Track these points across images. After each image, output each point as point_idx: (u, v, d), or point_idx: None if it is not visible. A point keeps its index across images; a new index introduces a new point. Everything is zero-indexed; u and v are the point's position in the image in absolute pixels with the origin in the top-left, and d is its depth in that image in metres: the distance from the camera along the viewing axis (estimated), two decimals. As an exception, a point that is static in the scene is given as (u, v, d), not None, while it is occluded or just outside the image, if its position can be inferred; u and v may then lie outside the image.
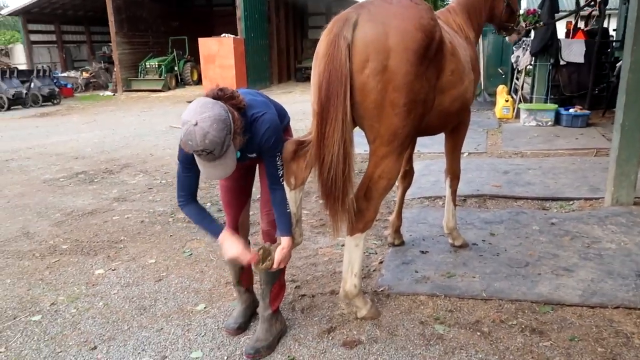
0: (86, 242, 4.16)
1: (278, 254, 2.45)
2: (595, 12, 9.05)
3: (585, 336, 2.58)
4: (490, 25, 3.94)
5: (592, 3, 8.83)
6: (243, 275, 2.80)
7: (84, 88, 20.07)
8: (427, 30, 2.44)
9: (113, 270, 3.61)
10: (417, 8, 2.49)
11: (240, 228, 2.74)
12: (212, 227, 2.42)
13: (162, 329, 2.82)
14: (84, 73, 20.68)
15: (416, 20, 2.42)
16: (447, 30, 2.89)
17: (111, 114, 13.20)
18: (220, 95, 2.15)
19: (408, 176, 3.69)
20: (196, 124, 1.97)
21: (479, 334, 2.63)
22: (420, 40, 2.39)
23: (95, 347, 2.67)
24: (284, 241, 2.48)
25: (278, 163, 2.40)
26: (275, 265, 2.46)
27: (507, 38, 3.92)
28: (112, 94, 18.73)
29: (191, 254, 3.83)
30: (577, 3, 10.06)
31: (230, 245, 2.38)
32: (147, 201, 5.22)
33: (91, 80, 20.62)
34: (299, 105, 12.93)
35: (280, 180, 2.45)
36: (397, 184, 3.75)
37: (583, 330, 2.63)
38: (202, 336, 2.74)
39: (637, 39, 4.14)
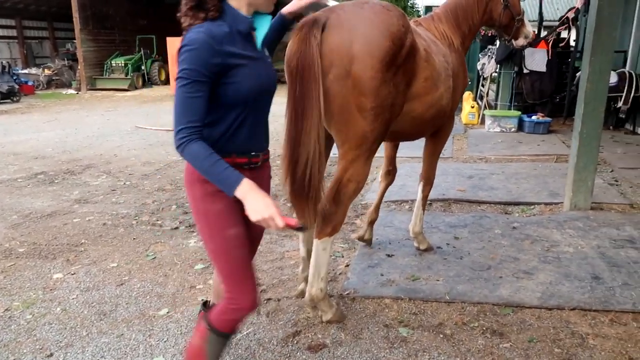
0: (44, 245, 4.02)
1: None
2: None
3: (543, 337, 2.65)
4: None
5: (565, 21, 9.14)
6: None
7: (45, 86, 19.43)
8: (396, 37, 2.45)
9: (72, 274, 3.50)
10: (387, 14, 2.50)
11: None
12: (229, 174, 1.65)
13: (122, 334, 2.75)
14: (46, 70, 20.01)
15: (384, 27, 2.43)
16: (424, 37, 2.90)
17: (74, 112, 12.83)
18: None
19: (391, 175, 3.77)
20: None
21: (441, 336, 2.67)
22: (387, 47, 2.41)
23: (51, 355, 2.58)
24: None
25: None
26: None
27: (513, 43, 3.75)
28: (76, 92, 18.20)
29: (155, 257, 3.75)
30: (540, 14, 10.39)
31: (258, 200, 1.64)
32: (110, 203, 5.09)
33: (53, 78, 19.98)
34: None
35: None
36: (379, 179, 3.83)
37: (541, 331, 2.71)
38: (164, 342, 2.68)
39: (594, 51, 4.30)
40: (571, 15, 8.81)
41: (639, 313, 2.86)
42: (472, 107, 9.56)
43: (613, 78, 7.92)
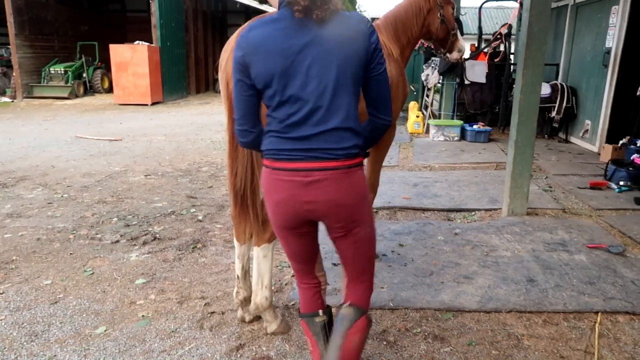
0: (-29, 263, 3.77)
1: None
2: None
3: (482, 340, 2.74)
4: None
5: (499, 36, 9.59)
6: None
7: (-23, 93, 18.31)
8: None
9: (1, 293, 3.29)
10: None
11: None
12: None
13: (55, 356, 2.61)
14: (-23, 77, 18.86)
15: None
16: None
17: (8, 122, 12.14)
18: None
19: None
20: None
21: (385, 343, 2.71)
22: None
23: (-26, 381, 2.41)
24: None
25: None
26: None
27: (446, 58, 3.90)
28: (11, 100, 17.24)
29: (93, 273, 3.59)
30: (479, 28, 10.87)
31: None
32: (46, 217, 4.83)
33: (-14, 85, 18.86)
34: (217, 116, 12.72)
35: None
36: None
37: (480, 334, 2.80)
38: (101, 361, 2.57)
39: (526, 64, 4.53)
40: (504, 30, 9.28)
41: (569, 313, 3.02)
42: (418, 117, 9.82)
43: (546, 89, 8.38)
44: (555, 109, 8.52)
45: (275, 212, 1.94)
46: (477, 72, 9.36)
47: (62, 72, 18.02)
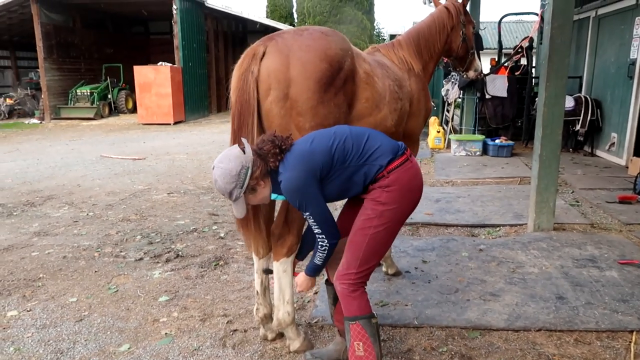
0: (-1, 281, 3.84)
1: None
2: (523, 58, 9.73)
3: (511, 360, 2.66)
4: None
5: (520, 50, 9.52)
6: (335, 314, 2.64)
7: (7, 115, 18.89)
8: (334, 60, 2.53)
9: (28, 311, 3.34)
10: (326, 39, 2.59)
11: None
12: None
13: (80, 373, 2.62)
14: (7, 100, 19.48)
15: (322, 52, 2.51)
16: (369, 61, 2.94)
17: (37, 142, 12.49)
18: (258, 148, 2.24)
19: None
20: (214, 168, 2.25)
21: (410, 362, 2.64)
22: (324, 70, 2.49)
23: (1, 398, 2.43)
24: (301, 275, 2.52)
25: (310, 221, 2.24)
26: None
27: (464, 75, 3.99)
28: (39, 121, 17.76)
29: (117, 291, 3.62)
30: (499, 42, 10.81)
31: None
32: (72, 235, 4.92)
33: (16, 107, 19.46)
34: (237, 134, 12.82)
35: (319, 236, 2.28)
36: None
37: (509, 354, 2.71)
38: (125, 379, 2.57)
39: (549, 77, 4.47)
40: (525, 44, 9.19)
41: (602, 332, 2.91)
42: (438, 132, 9.76)
43: (570, 102, 8.25)
44: (580, 122, 8.37)
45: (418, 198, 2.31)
46: (498, 86, 9.28)
47: (88, 93, 18.52)
